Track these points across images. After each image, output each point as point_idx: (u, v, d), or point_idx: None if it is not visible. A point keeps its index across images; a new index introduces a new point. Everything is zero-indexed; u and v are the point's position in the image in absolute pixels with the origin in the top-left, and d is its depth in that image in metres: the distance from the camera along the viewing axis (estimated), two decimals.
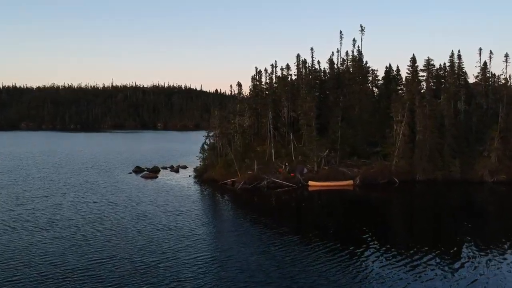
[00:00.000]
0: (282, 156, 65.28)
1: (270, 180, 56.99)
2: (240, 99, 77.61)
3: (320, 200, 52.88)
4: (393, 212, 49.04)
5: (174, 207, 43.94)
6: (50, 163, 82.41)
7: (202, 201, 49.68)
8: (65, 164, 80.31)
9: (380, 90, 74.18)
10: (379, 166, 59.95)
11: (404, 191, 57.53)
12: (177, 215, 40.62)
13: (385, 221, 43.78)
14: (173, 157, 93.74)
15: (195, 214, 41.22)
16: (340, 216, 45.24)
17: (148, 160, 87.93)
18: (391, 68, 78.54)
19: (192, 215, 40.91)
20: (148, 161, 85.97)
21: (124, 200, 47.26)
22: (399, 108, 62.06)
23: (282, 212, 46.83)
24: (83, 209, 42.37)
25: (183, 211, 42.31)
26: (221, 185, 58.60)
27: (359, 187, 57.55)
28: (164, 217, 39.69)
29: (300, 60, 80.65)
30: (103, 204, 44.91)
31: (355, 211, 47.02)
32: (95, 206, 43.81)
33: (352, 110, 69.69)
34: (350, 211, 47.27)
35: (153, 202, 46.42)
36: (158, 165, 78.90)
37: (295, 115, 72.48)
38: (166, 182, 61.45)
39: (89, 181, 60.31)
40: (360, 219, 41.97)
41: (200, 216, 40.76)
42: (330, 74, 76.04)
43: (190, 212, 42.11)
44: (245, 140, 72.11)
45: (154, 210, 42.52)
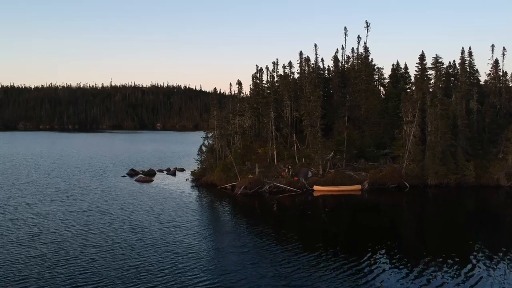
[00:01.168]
0: (285, 158, 61.74)
1: (272, 185, 53.38)
2: (240, 98, 73.99)
3: (326, 206, 49.30)
4: (404, 219, 45.50)
5: (169, 217, 40.23)
6: (41, 165, 78.82)
7: (200, 208, 45.99)
8: (57, 167, 76.72)
9: (388, 89, 70.49)
10: (388, 169, 56.32)
11: (415, 196, 53.91)
12: (173, 226, 36.86)
13: (395, 229, 40.43)
14: (170, 159, 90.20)
15: (192, 226, 37.47)
16: (347, 224, 41.77)
17: (144, 162, 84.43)
18: (399, 66, 74.98)
19: (189, 226, 37.16)
20: (144, 163, 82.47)
21: (116, 208, 43.48)
22: (409, 107, 58.46)
23: (286, 220, 43.32)
24: (69, 220, 38.58)
25: (179, 221, 38.59)
26: (220, 190, 55.02)
27: (368, 192, 53.95)
28: (159, 229, 35.94)
29: (303, 57, 77.11)
30: (93, 213, 41.15)
31: (363, 218, 43.62)
32: (83, 216, 40.03)
33: (358, 109, 66.12)
34: (358, 218, 43.81)
35: (147, 211, 42.65)
36: (154, 167, 75.40)
37: (298, 115, 68.97)
38: (162, 186, 57.81)
39: (80, 186, 56.66)
40: (369, 227, 39.02)
41: (197, 228, 37.04)
42: (335, 71, 72.42)
43: (187, 223, 38.40)
44: (246, 142, 68.60)
45: (148, 220, 38.80)
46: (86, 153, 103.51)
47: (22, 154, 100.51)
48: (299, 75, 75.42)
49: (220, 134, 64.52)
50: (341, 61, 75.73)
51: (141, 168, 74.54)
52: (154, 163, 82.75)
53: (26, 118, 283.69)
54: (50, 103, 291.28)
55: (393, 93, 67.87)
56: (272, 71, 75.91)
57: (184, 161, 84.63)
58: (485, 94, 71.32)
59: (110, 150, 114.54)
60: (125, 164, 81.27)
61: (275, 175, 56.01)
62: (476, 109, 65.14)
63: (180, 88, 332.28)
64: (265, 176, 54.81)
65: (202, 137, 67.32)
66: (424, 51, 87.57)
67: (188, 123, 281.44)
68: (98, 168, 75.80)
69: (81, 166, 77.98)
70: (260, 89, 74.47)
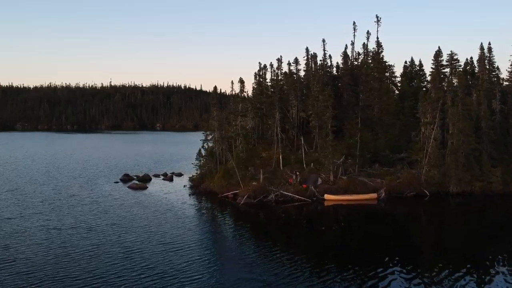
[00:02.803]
0: (292, 163, 56.58)
1: (278, 193, 48.21)
2: (242, 97, 68.80)
3: (339, 218, 44.12)
4: (425, 232, 40.33)
5: (164, 235, 34.80)
6: (31, 170, 73.68)
7: (199, 223, 40.62)
8: (47, 172, 71.56)
9: (403, 87, 65.19)
10: (406, 175, 51.10)
11: (436, 206, 48.66)
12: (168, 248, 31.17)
13: (416, 244, 35.43)
14: (168, 162, 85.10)
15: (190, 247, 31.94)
16: (362, 237, 36.79)
17: (140, 166, 79.43)
18: (413, 63, 69.73)
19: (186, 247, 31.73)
20: (140, 167, 77.47)
21: (104, 224, 37.89)
22: (428, 107, 53.31)
23: (294, 233, 38.33)
24: (49, 241, 32.77)
25: (175, 241, 33.05)
26: (221, 199, 49.87)
27: (384, 201, 48.76)
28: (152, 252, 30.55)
29: (309, 54, 71.89)
30: (77, 232, 35.46)
31: (379, 231, 38.72)
32: (66, 236, 34.14)
33: (370, 110, 60.88)
34: (374, 231, 38.81)
35: (139, 227, 37.06)
36: (150, 171, 70.37)
37: (305, 116, 63.84)
38: (157, 195, 52.60)
39: (69, 195, 51.14)
40: (386, 241, 34.78)
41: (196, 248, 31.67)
42: (344, 69, 67.17)
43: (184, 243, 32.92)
44: (248, 144, 63.48)
45: (140, 240, 33.38)
46: (80, 156, 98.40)
47: (13, 156, 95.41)
48: (306, 72, 70.19)
49: (221, 136, 59.42)
50: (350, 58, 70.51)
51: (136, 172, 69.48)
52: (150, 167, 77.72)
53: (24, 118, 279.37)
54: (48, 103, 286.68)
55: (409, 91, 62.59)
56: (277, 68, 70.68)
57: (183, 164, 79.52)
58: (506, 93, 66.05)
59: (106, 152, 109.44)
60: (120, 168, 76.24)
61: (282, 182, 50.85)
62: (499, 109, 59.88)
63: (180, 88, 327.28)
64: (271, 184, 49.68)
65: (201, 140, 62.16)
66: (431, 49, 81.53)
67: (188, 124, 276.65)
68: (91, 173, 70.70)
69: (73, 171, 72.81)
70: (264, 88, 69.29)
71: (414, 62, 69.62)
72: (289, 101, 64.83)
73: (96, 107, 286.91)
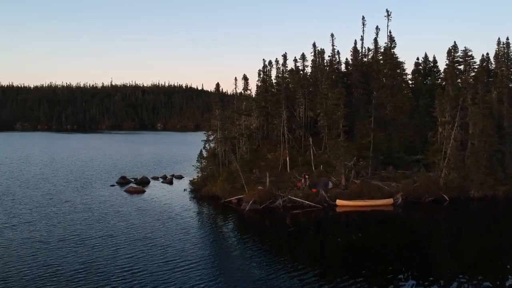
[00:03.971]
0: (299, 165, 52.97)
1: (286, 199, 44.56)
2: (246, 95, 65.16)
3: (352, 226, 40.51)
4: (445, 241, 36.79)
5: (163, 249, 31.26)
6: (24, 173, 70.09)
7: (201, 232, 36.87)
8: (41, 175, 67.97)
9: (417, 85, 61.37)
10: (423, 179, 47.41)
11: (457, 212, 45.06)
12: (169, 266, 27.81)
13: (435, 252, 32.49)
14: (168, 164, 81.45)
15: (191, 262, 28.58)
16: (378, 247, 33.20)
17: (139, 167, 75.87)
18: (427, 59, 65.97)
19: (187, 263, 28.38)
20: (138, 169, 73.91)
21: (97, 236, 33.95)
22: (447, 106, 49.60)
23: (304, 242, 35.00)
24: (34, 257, 28.90)
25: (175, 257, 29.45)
26: (224, 204, 46.27)
27: (401, 207, 45.08)
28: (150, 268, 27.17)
29: (316, 49, 68.30)
30: (67, 245, 31.55)
31: (397, 240, 35.52)
32: (53, 250, 30.22)
33: (383, 109, 57.18)
34: (390, 240, 35.46)
35: (134, 239, 33.42)
36: (149, 174, 66.83)
37: (313, 115, 60.23)
38: (155, 199, 49.00)
39: (62, 201, 47.31)
40: (404, 251, 32.18)
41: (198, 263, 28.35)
42: (354, 65, 63.46)
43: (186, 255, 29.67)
44: (252, 145, 59.88)
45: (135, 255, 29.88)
46: (78, 157, 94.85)
47: (8, 158, 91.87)
48: (313, 69, 66.56)
49: (223, 137, 55.83)
50: (360, 53, 66.80)
51: (134, 175, 65.92)
52: (149, 169, 74.17)
53: (23, 118, 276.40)
54: (48, 103, 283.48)
55: (423, 89, 58.86)
56: (282, 64, 66.99)
57: (183, 166, 75.98)
58: None
59: (105, 152, 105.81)
60: (118, 170, 72.73)
61: (289, 186, 47.22)
62: None
63: (181, 88, 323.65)
64: (277, 188, 46.03)
65: (203, 140, 58.55)
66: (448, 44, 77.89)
67: (189, 123, 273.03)
68: (87, 175, 67.08)
69: (68, 173, 69.16)
70: (269, 86, 65.65)
71: (428, 58, 65.88)
72: (296, 99, 61.20)
73: (96, 107, 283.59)
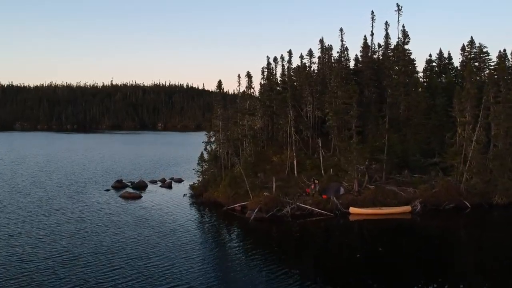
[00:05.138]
0: (307, 169, 49.34)
1: (294, 206, 40.91)
2: (249, 94, 61.52)
3: (367, 236, 36.97)
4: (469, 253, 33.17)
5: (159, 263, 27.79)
6: (15, 176, 66.48)
7: (201, 244, 33.17)
8: (34, 178, 64.38)
9: (433, 82, 57.61)
10: (442, 184, 43.73)
11: (479, 220, 41.40)
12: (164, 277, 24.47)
13: (459, 266, 29.75)
14: (167, 166, 77.91)
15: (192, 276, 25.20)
16: (395, 260, 29.86)
17: (137, 170, 72.37)
18: (442, 55, 62.23)
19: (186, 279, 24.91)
20: (136, 171, 70.46)
21: (87, 252, 29.99)
22: (467, 105, 45.89)
23: (314, 255, 31.60)
24: (15, 281, 25.16)
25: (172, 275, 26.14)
26: (227, 212, 42.64)
27: (419, 215, 41.37)
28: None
29: (324, 45, 64.66)
30: (53, 264, 27.66)
31: (416, 252, 31.99)
32: (38, 270, 26.55)
33: (396, 108, 53.53)
34: (409, 252, 31.99)
35: (129, 254, 29.62)
36: (147, 177, 63.35)
37: (321, 115, 56.60)
38: (152, 206, 45.35)
39: (53, 209, 43.35)
40: (424, 264, 28.79)
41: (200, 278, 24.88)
42: (365, 62, 59.77)
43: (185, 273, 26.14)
44: (257, 147, 56.28)
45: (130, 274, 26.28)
46: (75, 158, 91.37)
47: (2, 159, 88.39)
48: (321, 66, 62.92)
49: (226, 138, 52.26)
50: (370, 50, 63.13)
51: (131, 178, 62.37)
52: (148, 171, 70.66)
53: (23, 118, 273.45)
54: (48, 102, 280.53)
55: (439, 87, 55.15)
56: (287, 62, 63.36)
57: (183, 168, 72.47)
58: None
59: (103, 153, 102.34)
60: (115, 172, 69.31)
61: (298, 191, 43.59)
62: None
63: (182, 87, 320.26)
64: (285, 194, 42.42)
65: (204, 142, 54.94)
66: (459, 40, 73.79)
67: (190, 123, 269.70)
68: (83, 178, 63.40)
69: (64, 177, 65.33)
70: (274, 84, 62.02)
71: (443, 54, 62.10)
72: (302, 98, 57.57)
73: (97, 107, 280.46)
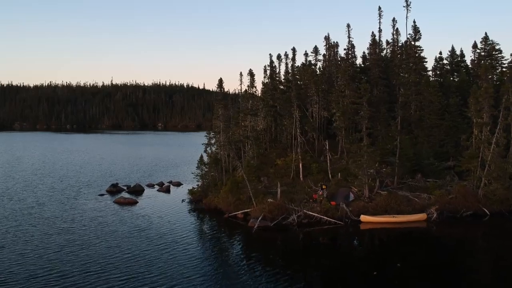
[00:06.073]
0: (313, 173, 46.44)
1: (301, 213, 37.98)
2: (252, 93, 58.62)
3: (379, 247, 34.10)
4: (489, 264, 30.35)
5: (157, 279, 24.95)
6: (8, 180, 63.51)
7: (200, 256, 30.39)
8: (26, 181, 61.54)
9: (445, 81, 54.67)
10: (459, 190, 40.78)
11: (499, 228, 38.40)
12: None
13: (479, 279, 26.72)
14: (166, 168, 75.01)
15: None
16: (411, 274, 27.15)
17: (134, 172, 69.49)
18: (454, 52, 59.26)
19: None
20: (133, 174, 67.58)
21: (75, 270, 26.98)
22: (484, 105, 42.97)
23: (323, 267, 28.67)
24: None
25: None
26: (228, 219, 39.73)
27: (435, 223, 38.41)
28: None
29: (329, 42, 61.74)
30: (39, 284, 24.89)
31: (433, 264, 28.91)
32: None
33: (406, 108, 50.60)
34: (425, 265, 28.80)
35: (124, 271, 26.85)
36: (144, 180, 60.54)
37: (327, 115, 53.70)
38: (148, 213, 42.43)
39: (40, 219, 39.95)
40: (443, 279, 26.21)
41: None
42: (374, 59, 56.82)
43: None
44: (259, 149, 53.38)
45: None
46: (71, 160, 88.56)
47: None
48: (326, 63, 59.99)
49: (228, 140, 49.39)
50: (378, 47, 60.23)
51: (127, 181, 59.53)
52: (145, 174, 67.78)
53: (22, 118, 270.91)
54: (47, 102, 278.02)
55: (453, 86, 52.20)
56: (291, 60, 60.43)
57: (183, 170, 69.65)
58: None
59: (101, 154, 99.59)
60: (112, 174, 66.56)
61: (304, 198, 40.67)
62: None
63: (182, 87, 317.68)
64: (290, 200, 39.51)
65: (203, 144, 52.04)
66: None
67: (190, 123, 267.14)
68: (77, 182, 60.46)
69: (57, 181, 62.08)
70: (278, 82, 59.09)
71: (455, 52, 59.12)
72: (308, 97, 54.67)
73: (97, 106, 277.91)
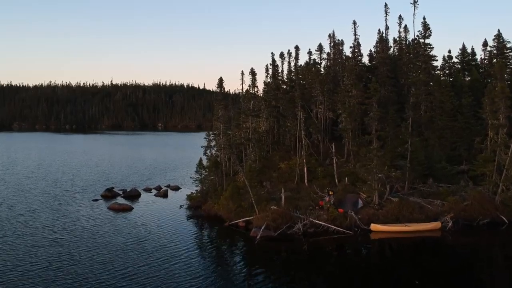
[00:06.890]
0: (319, 177, 43.95)
1: (307, 222, 35.49)
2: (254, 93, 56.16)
3: (392, 258, 31.61)
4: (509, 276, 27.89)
5: None
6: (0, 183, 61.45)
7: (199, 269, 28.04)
8: (19, 185, 59.07)
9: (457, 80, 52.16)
10: (475, 196, 38.28)
11: None
12: None
13: None
14: (164, 171, 72.56)
15: None
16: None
17: (131, 175, 67.07)
18: (465, 51, 56.76)
19: None
20: (130, 177, 65.19)
21: (66, 285, 24.92)
22: (501, 105, 40.48)
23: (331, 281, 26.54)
24: None
25: None
26: (229, 228, 37.26)
27: (450, 232, 35.92)
28: None
29: (334, 40, 59.27)
30: None
31: (450, 276, 26.67)
32: None
33: (416, 109, 48.11)
34: (441, 278, 26.35)
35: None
36: (141, 184, 58.24)
37: (332, 116, 51.24)
38: (144, 220, 39.92)
39: (30, 226, 37.70)
40: None
41: None
42: (381, 57, 54.32)
43: None
44: (262, 152, 50.92)
45: None
46: (67, 162, 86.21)
47: None
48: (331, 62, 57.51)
49: (228, 142, 46.94)
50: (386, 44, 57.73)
51: (124, 185, 57.16)
52: (143, 177, 65.37)
53: (21, 118, 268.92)
54: (47, 102, 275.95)
55: (465, 86, 49.70)
56: (295, 58, 57.98)
57: (182, 173, 67.26)
58: None
59: (99, 156, 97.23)
60: (108, 178, 64.24)
61: (310, 204, 38.18)
62: None
63: (182, 87, 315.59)
64: (295, 207, 37.05)
65: (203, 146, 49.60)
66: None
67: (190, 123, 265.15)
68: (73, 186, 58.04)
69: (51, 185, 59.36)
70: (280, 82, 56.63)
71: (467, 50, 56.61)
72: (312, 97, 52.20)
73: (96, 107, 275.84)
